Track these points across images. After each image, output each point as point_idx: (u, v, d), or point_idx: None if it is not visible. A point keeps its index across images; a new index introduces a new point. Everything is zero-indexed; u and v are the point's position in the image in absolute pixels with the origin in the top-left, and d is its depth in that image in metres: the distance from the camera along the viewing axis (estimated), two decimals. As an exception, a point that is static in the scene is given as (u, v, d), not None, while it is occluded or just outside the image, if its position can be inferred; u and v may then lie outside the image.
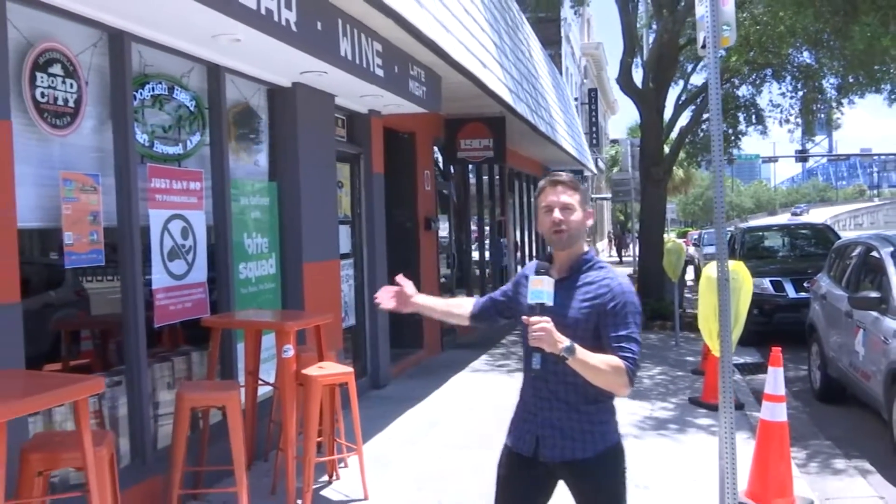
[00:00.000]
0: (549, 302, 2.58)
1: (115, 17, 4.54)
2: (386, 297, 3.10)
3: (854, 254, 8.16)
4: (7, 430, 2.72)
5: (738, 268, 4.73)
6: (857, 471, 5.93)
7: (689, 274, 21.23)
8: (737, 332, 4.66)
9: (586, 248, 2.86)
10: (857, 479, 5.76)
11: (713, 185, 4.65)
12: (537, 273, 2.66)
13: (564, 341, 2.54)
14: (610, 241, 45.82)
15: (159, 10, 4.46)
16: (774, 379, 4.99)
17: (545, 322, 2.53)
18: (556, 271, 2.81)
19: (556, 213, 2.76)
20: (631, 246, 34.20)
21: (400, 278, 3.11)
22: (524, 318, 2.61)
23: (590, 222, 2.86)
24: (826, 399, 8.10)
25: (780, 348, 5.13)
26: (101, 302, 4.92)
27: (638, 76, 16.37)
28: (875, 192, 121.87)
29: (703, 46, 4.42)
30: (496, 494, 2.92)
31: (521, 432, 2.85)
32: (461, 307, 3.19)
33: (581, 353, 2.56)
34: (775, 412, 4.94)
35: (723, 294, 4.40)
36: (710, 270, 4.68)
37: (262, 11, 4.73)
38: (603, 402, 2.79)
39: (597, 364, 2.59)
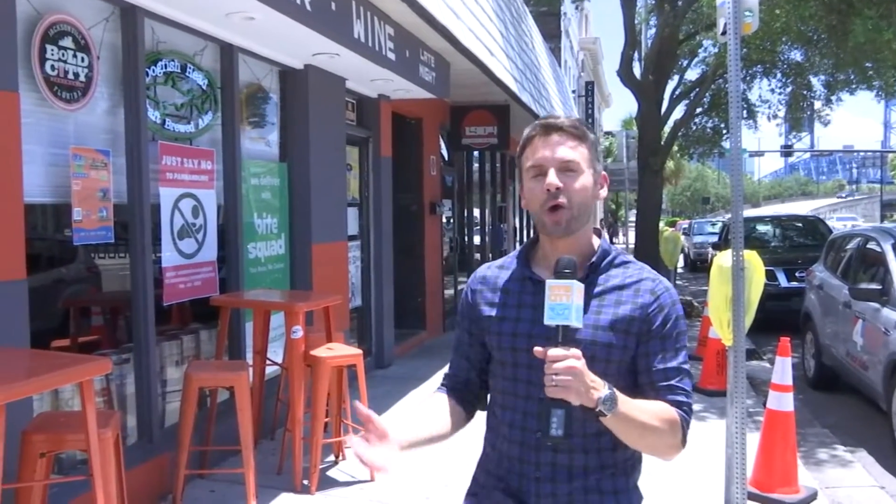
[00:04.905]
0: (578, 323, 1.57)
1: (127, -10, 4.26)
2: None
3: (851, 246, 7.93)
4: (8, 411, 2.47)
5: (750, 256, 4.47)
6: (855, 459, 5.72)
7: (679, 261, 21.14)
8: (748, 321, 4.42)
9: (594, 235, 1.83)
10: (855, 467, 5.54)
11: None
12: (559, 273, 1.58)
13: (601, 387, 1.56)
14: (602, 228, 45.59)
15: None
16: (782, 369, 4.75)
17: (574, 358, 1.52)
18: (547, 270, 1.74)
19: (552, 177, 1.68)
20: (620, 233, 33.98)
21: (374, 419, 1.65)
22: (537, 350, 1.55)
23: (603, 192, 1.79)
24: (820, 387, 7.89)
25: (788, 338, 4.89)
26: (111, 279, 4.66)
27: (637, 70, 16.07)
28: (854, 187, 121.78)
29: (724, 32, 4.14)
30: None
31: None
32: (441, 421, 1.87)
33: (623, 403, 1.58)
34: (782, 402, 4.70)
35: (737, 283, 4.16)
36: (723, 260, 4.43)
37: (277, -11, 4.45)
38: (635, 474, 1.81)
39: (646, 420, 1.63)
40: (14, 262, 3.43)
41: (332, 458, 5.23)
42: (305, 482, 4.71)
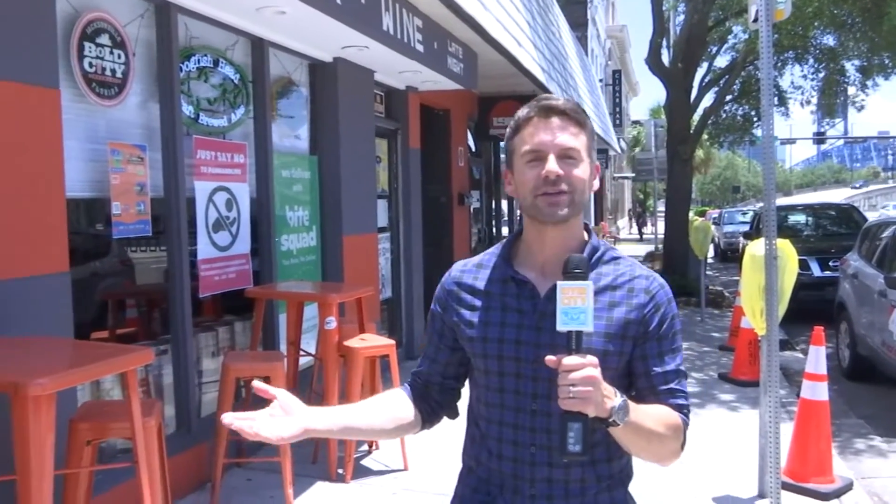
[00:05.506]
0: (590, 326, 1.43)
1: (161, -13, 4.35)
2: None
3: (886, 234, 7.84)
4: (56, 400, 2.57)
5: (783, 245, 4.46)
6: (891, 450, 5.69)
7: (710, 251, 20.98)
8: (781, 311, 4.41)
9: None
10: (892, 458, 5.52)
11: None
12: (568, 273, 1.44)
13: (613, 396, 1.44)
14: (631, 218, 45.34)
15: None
16: (816, 358, 4.74)
17: (591, 367, 1.40)
18: (533, 269, 1.66)
19: (552, 164, 1.57)
20: (649, 223, 33.67)
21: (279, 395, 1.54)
22: (550, 359, 1.42)
23: (596, 184, 1.69)
24: (855, 377, 7.82)
25: (822, 327, 4.87)
26: (148, 272, 4.77)
27: (665, 57, 15.94)
28: (890, 174, 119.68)
29: (756, 20, 4.12)
30: None
31: None
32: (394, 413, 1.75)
33: (633, 411, 1.48)
34: (816, 391, 4.69)
35: (770, 273, 4.15)
36: (755, 248, 4.43)
37: (308, -17, 4.51)
38: (628, 482, 1.71)
39: (653, 427, 1.54)
40: (58, 254, 3.53)
41: (365, 447, 5.31)
42: (340, 471, 4.80)
